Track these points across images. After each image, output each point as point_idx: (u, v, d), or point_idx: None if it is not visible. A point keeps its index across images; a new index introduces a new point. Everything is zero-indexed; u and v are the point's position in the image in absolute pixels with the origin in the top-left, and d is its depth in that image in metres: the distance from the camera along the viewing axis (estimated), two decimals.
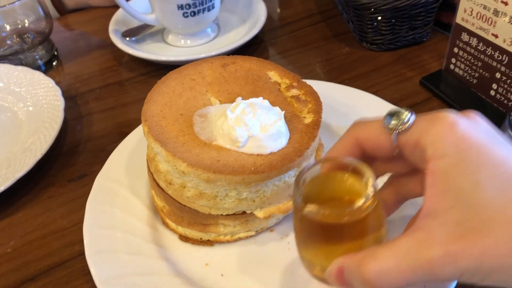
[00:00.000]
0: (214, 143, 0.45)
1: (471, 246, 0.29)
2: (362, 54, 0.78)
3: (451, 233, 0.30)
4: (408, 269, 0.30)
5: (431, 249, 0.30)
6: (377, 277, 0.31)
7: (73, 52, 0.85)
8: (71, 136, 0.67)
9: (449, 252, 0.29)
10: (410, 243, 0.31)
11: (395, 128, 0.35)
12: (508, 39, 0.58)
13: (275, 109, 0.46)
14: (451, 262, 0.29)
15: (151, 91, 0.50)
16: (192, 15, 0.75)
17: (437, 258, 0.29)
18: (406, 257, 0.30)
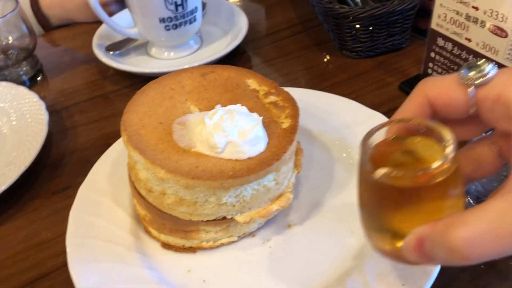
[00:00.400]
0: (193, 150, 0.46)
1: None
2: (342, 61, 0.79)
3: None
4: (506, 234, 0.26)
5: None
6: (468, 244, 0.26)
7: (58, 67, 0.86)
8: (55, 149, 0.68)
9: None
10: (505, 205, 0.26)
11: (474, 81, 0.31)
12: (481, 42, 0.60)
13: (253, 115, 0.47)
14: None
15: (131, 101, 0.51)
16: (174, 28, 0.76)
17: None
18: (502, 219, 0.26)
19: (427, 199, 0.31)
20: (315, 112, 0.63)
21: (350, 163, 0.57)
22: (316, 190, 0.55)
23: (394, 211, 0.33)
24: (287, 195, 0.49)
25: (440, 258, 0.28)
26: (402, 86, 0.71)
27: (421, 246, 0.29)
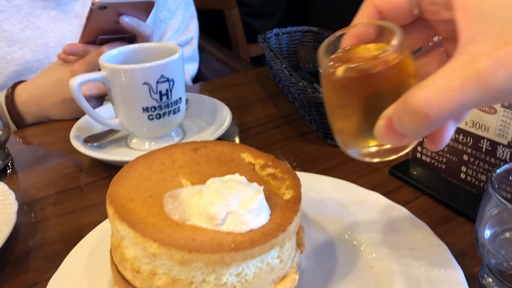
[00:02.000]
0: (187, 223, 0.41)
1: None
2: (328, 150, 0.79)
3: (495, 44, 0.28)
4: (459, 86, 0.28)
5: (480, 62, 0.28)
6: (428, 103, 0.29)
7: (30, 161, 0.81)
8: (22, 243, 0.61)
9: (498, 57, 0.28)
10: (456, 64, 0.29)
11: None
12: (470, 121, 0.60)
13: (253, 185, 0.43)
14: (502, 67, 0.28)
15: (117, 174, 0.47)
16: (158, 117, 0.75)
17: (487, 67, 0.28)
18: (454, 75, 0.29)
19: (388, 83, 0.33)
20: (310, 194, 0.60)
21: (354, 244, 0.53)
22: (320, 273, 0.50)
23: (362, 104, 0.35)
24: (292, 275, 0.44)
25: (408, 128, 0.30)
26: (392, 170, 0.70)
27: (390, 124, 0.31)
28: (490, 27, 0.30)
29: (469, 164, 0.62)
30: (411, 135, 0.32)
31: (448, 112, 0.29)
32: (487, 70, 0.28)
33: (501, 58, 0.28)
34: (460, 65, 0.29)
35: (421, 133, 0.31)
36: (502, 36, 0.29)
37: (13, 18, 1.03)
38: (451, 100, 0.29)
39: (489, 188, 0.44)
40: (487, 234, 0.46)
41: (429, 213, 0.61)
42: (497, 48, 0.29)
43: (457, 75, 0.29)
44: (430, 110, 0.29)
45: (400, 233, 0.53)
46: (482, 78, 0.28)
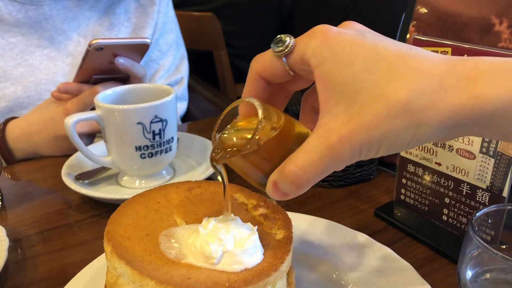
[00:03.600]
0: (183, 261, 0.42)
1: (358, 126, 0.35)
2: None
3: (341, 121, 0.35)
4: (317, 160, 0.36)
5: (330, 139, 0.35)
6: (297, 176, 0.37)
7: (20, 198, 0.82)
8: (11, 281, 0.61)
9: (342, 136, 0.35)
10: (314, 140, 0.36)
11: (282, 53, 0.40)
12: (450, 165, 0.63)
13: (247, 225, 0.45)
14: (347, 143, 0.35)
15: (114, 213, 0.48)
16: (150, 156, 0.76)
17: (335, 143, 0.35)
18: (313, 151, 0.36)
19: (263, 158, 0.41)
20: (299, 234, 0.62)
21: (342, 284, 0.54)
22: None
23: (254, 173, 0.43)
24: None
25: (289, 190, 0.39)
26: (377, 212, 0.72)
27: (276, 187, 0.39)
28: (339, 101, 0.36)
29: (450, 206, 0.65)
30: (292, 194, 0.39)
31: (314, 179, 0.38)
32: (335, 146, 0.35)
33: (345, 135, 0.35)
34: (317, 141, 0.36)
35: (298, 193, 0.39)
36: (347, 113, 0.35)
37: (7, 55, 1.05)
38: (313, 172, 0.37)
39: (470, 231, 0.46)
40: (468, 275, 0.48)
41: (413, 254, 0.63)
42: (342, 126, 0.35)
43: (315, 152, 0.36)
44: (299, 180, 0.37)
45: (386, 273, 0.55)
46: (332, 153, 0.36)
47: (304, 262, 0.58)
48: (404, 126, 0.35)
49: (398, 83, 0.34)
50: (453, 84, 0.34)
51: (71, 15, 1.10)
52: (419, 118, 0.34)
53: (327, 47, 0.37)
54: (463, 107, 0.34)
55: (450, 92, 0.34)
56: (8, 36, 1.04)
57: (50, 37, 1.08)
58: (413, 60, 0.35)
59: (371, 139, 0.35)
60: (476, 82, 0.34)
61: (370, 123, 0.35)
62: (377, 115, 0.34)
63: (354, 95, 0.35)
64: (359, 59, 0.36)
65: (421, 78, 0.34)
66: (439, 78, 0.34)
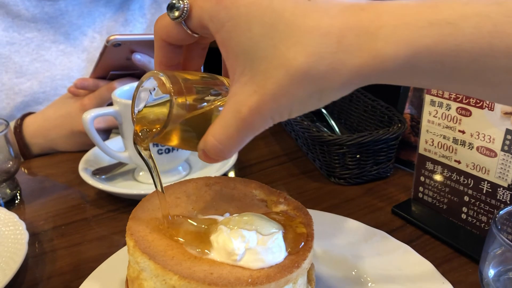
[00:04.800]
0: (205, 257, 0.42)
1: (264, 96, 0.34)
2: (331, 188, 0.80)
3: (249, 92, 0.35)
4: (234, 132, 0.37)
5: (240, 112, 0.35)
6: (218, 147, 0.38)
7: (37, 192, 0.82)
8: (30, 274, 0.61)
9: (251, 108, 0.35)
10: (227, 113, 0.36)
11: (179, 19, 0.38)
12: (471, 164, 0.63)
13: (272, 223, 0.45)
14: (256, 114, 0.35)
15: (135, 208, 0.49)
16: (167, 152, 0.76)
17: (246, 116, 0.35)
18: (228, 124, 0.36)
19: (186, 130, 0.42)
20: (317, 231, 0.61)
21: (361, 281, 0.54)
22: None
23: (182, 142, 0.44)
24: None
25: (216, 157, 0.39)
26: (395, 210, 0.72)
27: (206, 155, 0.39)
28: (244, 69, 0.35)
29: (470, 205, 0.64)
30: (221, 160, 0.40)
31: (235, 148, 0.38)
32: (247, 119, 0.36)
33: (254, 107, 0.35)
34: (230, 114, 0.36)
35: (227, 158, 0.40)
36: (253, 83, 0.35)
37: (23, 50, 1.05)
38: (232, 144, 0.38)
39: (493, 229, 0.46)
40: (491, 274, 0.48)
41: (432, 252, 0.63)
42: (250, 97, 0.35)
43: (230, 125, 0.37)
44: (222, 152, 0.38)
45: (406, 271, 0.55)
46: (246, 125, 0.36)
47: (323, 259, 0.58)
48: (308, 93, 0.34)
49: (297, 48, 0.33)
50: (353, 42, 0.32)
51: (86, 10, 1.10)
52: (322, 84, 0.33)
53: (223, 9, 0.35)
54: (364, 68, 0.32)
55: (350, 52, 0.32)
56: (25, 32, 1.05)
57: (65, 32, 1.09)
58: (311, 17, 0.33)
59: (279, 107, 0.35)
60: (376, 38, 0.32)
61: (275, 93, 0.34)
62: (280, 84, 0.34)
63: (257, 63, 0.34)
64: (256, 22, 0.34)
65: (319, 40, 0.32)
66: (338, 38, 0.32)
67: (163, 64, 0.44)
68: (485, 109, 0.59)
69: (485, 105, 0.59)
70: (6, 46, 1.04)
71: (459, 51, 0.30)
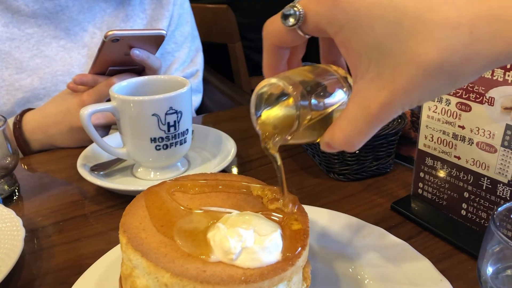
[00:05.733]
0: (199, 255, 0.42)
1: (395, 91, 0.35)
2: (331, 184, 0.80)
3: (377, 88, 0.36)
4: (364, 127, 0.37)
5: (370, 108, 0.36)
6: (347, 141, 0.39)
7: (36, 188, 0.82)
8: (27, 270, 0.61)
9: (382, 103, 0.35)
10: (355, 109, 0.37)
11: (295, 26, 0.39)
12: (470, 159, 0.62)
13: (269, 222, 0.45)
14: (388, 109, 0.36)
15: (129, 204, 0.48)
16: (165, 148, 0.76)
17: (377, 112, 0.36)
18: (358, 120, 0.37)
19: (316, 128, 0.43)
20: (314, 227, 0.61)
21: (358, 279, 0.54)
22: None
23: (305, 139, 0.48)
24: None
25: (343, 148, 0.40)
26: (394, 206, 0.71)
27: (329, 145, 0.41)
28: (369, 66, 0.36)
29: (469, 201, 0.63)
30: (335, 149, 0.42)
31: (364, 141, 0.39)
32: (378, 115, 0.36)
33: (384, 103, 0.36)
34: (358, 110, 0.37)
35: (354, 150, 0.41)
36: (381, 79, 0.35)
37: (23, 46, 1.05)
38: (362, 137, 0.39)
39: (491, 226, 0.45)
40: (489, 271, 0.47)
41: (431, 249, 0.62)
42: (379, 93, 0.36)
43: (360, 121, 0.37)
44: (351, 145, 0.39)
45: (403, 268, 0.54)
46: (377, 120, 0.37)
47: (320, 256, 0.57)
48: (441, 84, 0.35)
49: (428, 43, 0.33)
50: (486, 32, 0.32)
51: (87, 6, 1.10)
52: (456, 75, 0.34)
53: (341, 12, 0.36)
54: (500, 55, 0.33)
55: (485, 42, 0.33)
56: (25, 27, 1.05)
57: (66, 28, 1.08)
58: (437, 11, 0.33)
59: (411, 100, 0.36)
60: (510, 25, 0.32)
61: (406, 87, 0.35)
62: (412, 79, 0.34)
63: (384, 59, 0.35)
64: (379, 21, 0.34)
65: (450, 33, 0.33)
66: (470, 28, 0.32)
67: (273, 67, 0.45)
68: (485, 104, 0.59)
69: (484, 100, 0.58)
70: (6, 42, 1.04)
71: None
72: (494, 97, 0.57)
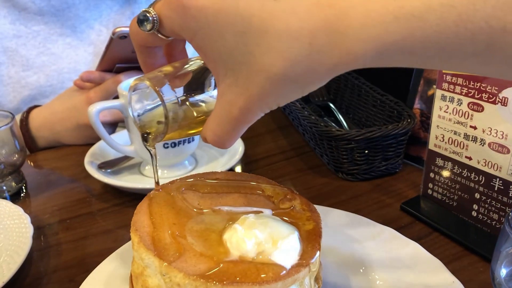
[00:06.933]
0: (212, 255, 0.42)
1: (250, 97, 0.36)
2: (339, 184, 0.79)
3: (236, 93, 0.37)
4: (230, 129, 0.39)
5: (232, 112, 0.38)
6: (218, 141, 0.41)
7: (43, 185, 0.82)
8: (35, 268, 0.61)
9: (241, 107, 0.37)
10: (220, 112, 0.39)
11: (152, 30, 0.40)
12: (482, 160, 0.61)
13: (287, 224, 0.44)
14: (247, 112, 0.37)
15: (140, 203, 0.48)
16: (173, 146, 0.76)
17: (238, 115, 0.38)
18: (224, 122, 0.39)
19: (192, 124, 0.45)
20: (323, 227, 0.60)
21: (369, 279, 0.53)
22: None
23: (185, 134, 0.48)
24: None
25: (217, 146, 0.42)
26: (404, 206, 0.71)
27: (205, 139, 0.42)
28: (226, 73, 0.37)
29: (481, 202, 0.63)
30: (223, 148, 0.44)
31: (234, 139, 0.41)
32: (239, 118, 0.38)
33: (244, 107, 0.37)
34: (223, 114, 0.39)
35: (226, 148, 0.42)
36: (238, 85, 0.37)
37: (30, 43, 1.05)
38: (232, 136, 0.40)
39: (506, 227, 0.45)
40: (503, 273, 0.47)
41: (441, 250, 0.62)
42: (238, 97, 0.37)
43: (226, 123, 0.39)
44: (223, 144, 0.41)
45: (415, 269, 0.54)
46: (240, 122, 0.38)
47: (330, 256, 0.57)
48: (290, 90, 0.36)
49: (272, 54, 0.34)
50: (324, 43, 0.33)
51: (93, 3, 1.09)
52: (302, 82, 0.35)
53: (192, 19, 0.36)
54: (339, 64, 0.34)
55: (323, 52, 0.33)
56: (31, 25, 1.04)
57: (72, 25, 1.08)
58: (280, 20, 0.34)
59: (267, 104, 0.37)
60: (346, 38, 0.32)
61: (260, 94, 0.36)
62: (263, 87, 0.35)
63: (238, 67, 0.36)
64: (228, 30, 0.35)
65: (291, 44, 0.33)
66: (309, 39, 0.33)
67: (148, 64, 0.46)
68: (498, 105, 0.58)
69: (497, 100, 0.58)
70: (13, 39, 1.03)
71: (426, 42, 0.31)
72: (508, 97, 0.57)
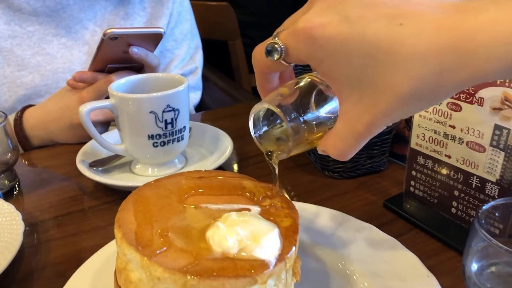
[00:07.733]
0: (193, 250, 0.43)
1: (376, 114, 0.39)
2: (325, 181, 0.81)
3: (360, 111, 0.39)
4: (354, 143, 0.42)
5: (357, 128, 0.40)
6: (340, 155, 0.43)
7: (35, 183, 0.84)
8: (26, 264, 0.63)
9: (366, 124, 0.40)
10: (344, 128, 0.42)
11: (279, 60, 0.43)
12: (460, 158, 0.63)
13: (267, 221, 0.46)
14: (373, 128, 0.40)
15: (125, 200, 0.50)
16: (162, 145, 0.77)
17: (363, 131, 0.40)
18: (347, 137, 0.42)
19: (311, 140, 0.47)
20: (306, 223, 0.63)
21: (347, 274, 0.55)
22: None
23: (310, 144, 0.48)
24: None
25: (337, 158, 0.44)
26: (386, 203, 0.73)
27: (324, 151, 0.45)
28: (352, 93, 0.40)
29: (459, 199, 0.65)
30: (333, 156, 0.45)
31: (355, 152, 0.43)
32: (364, 133, 0.41)
33: (369, 123, 0.40)
34: (347, 130, 0.41)
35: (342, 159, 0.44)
36: (363, 104, 0.39)
37: (25, 44, 1.07)
38: (354, 150, 0.42)
39: (476, 224, 0.46)
40: (474, 268, 0.49)
41: (421, 246, 0.64)
42: (363, 115, 0.39)
43: (350, 138, 0.41)
44: (344, 157, 0.43)
45: (392, 264, 0.55)
46: (364, 137, 0.41)
47: (310, 252, 0.59)
48: (417, 106, 0.38)
49: (400, 74, 0.36)
50: (454, 62, 0.35)
51: (87, 4, 1.11)
52: (429, 99, 0.38)
53: (319, 48, 0.39)
54: (468, 82, 0.36)
55: (453, 71, 0.35)
56: (26, 25, 1.06)
57: (67, 26, 1.10)
58: (407, 43, 0.36)
59: (392, 119, 0.39)
60: (477, 57, 0.34)
61: (386, 111, 0.38)
62: (389, 105, 0.38)
63: (364, 88, 0.39)
64: (355, 55, 0.38)
65: (420, 65, 0.35)
66: (439, 59, 0.35)
67: (265, 88, 0.49)
68: (474, 105, 0.60)
69: (474, 100, 0.60)
70: (8, 40, 1.05)
71: None
72: (484, 97, 0.58)
